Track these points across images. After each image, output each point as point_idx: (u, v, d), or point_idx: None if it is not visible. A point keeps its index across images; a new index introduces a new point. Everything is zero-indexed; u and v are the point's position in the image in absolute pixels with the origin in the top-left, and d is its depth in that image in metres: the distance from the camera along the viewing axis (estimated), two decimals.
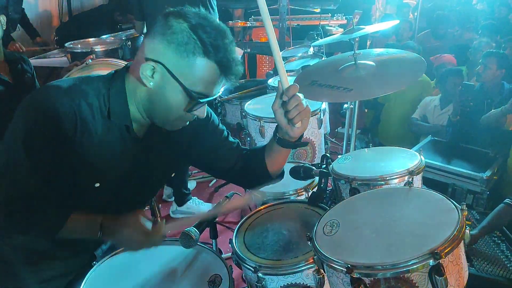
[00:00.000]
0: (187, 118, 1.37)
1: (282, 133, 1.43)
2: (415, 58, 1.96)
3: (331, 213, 1.42)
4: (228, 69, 1.28)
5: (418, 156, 1.78)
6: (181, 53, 1.24)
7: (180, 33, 1.23)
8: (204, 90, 1.29)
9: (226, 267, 1.47)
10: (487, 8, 7.07)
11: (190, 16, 1.25)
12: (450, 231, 1.13)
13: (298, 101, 1.32)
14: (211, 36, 1.24)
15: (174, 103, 1.30)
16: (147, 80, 1.29)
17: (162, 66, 1.26)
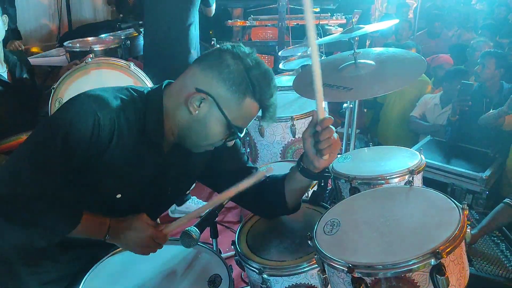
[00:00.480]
0: (216, 145, 1.45)
1: (307, 162, 1.44)
2: (415, 57, 1.96)
3: (331, 212, 1.42)
4: (268, 112, 1.40)
5: (418, 155, 1.78)
6: (233, 92, 1.33)
7: (236, 73, 1.33)
8: (242, 125, 1.39)
9: (226, 267, 1.47)
10: (486, 8, 7.08)
11: (246, 58, 1.35)
12: (452, 230, 1.13)
13: (331, 133, 1.35)
14: (260, 80, 1.34)
15: (213, 133, 1.38)
16: (193, 109, 1.35)
17: (213, 99, 1.34)
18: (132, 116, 1.37)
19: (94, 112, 1.29)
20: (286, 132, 2.45)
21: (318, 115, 1.36)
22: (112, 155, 1.35)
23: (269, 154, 2.56)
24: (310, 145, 1.38)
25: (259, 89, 1.34)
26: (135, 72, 2.51)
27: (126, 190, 1.45)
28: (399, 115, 4.40)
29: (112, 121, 1.32)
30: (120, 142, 1.35)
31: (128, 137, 1.36)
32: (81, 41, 3.53)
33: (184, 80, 1.40)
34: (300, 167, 1.47)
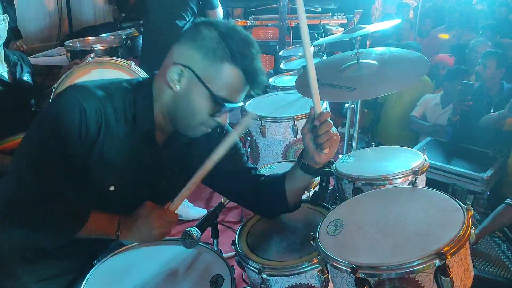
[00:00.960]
0: (209, 124, 1.41)
1: (308, 158, 1.43)
2: (418, 57, 1.95)
3: (334, 212, 1.41)
4: (253, 77, 1.34)
5: (422, 156, 1.78)
6: (209, 58, 1.30)
7: (210, 39, 1.30)
8: (228, 96, 1.34)
9: (228, 267, 1.46)
10: (487, 8, 7.08)
11: (220, 25, 1.32)
12: (456, 231, 1.13)
13: (330, 126, 1.34)
14: (239, 45, 1.30)
15: (199, 107, 1.34)
16: (173, 84, 1.33)
17: (190, 70, 1.31)
18: (120, 105, 1.35)
19: (79, 103, 1.28)
20: (288, 132, 2.44)
21: (315, 110, 1.36)
22: (102, 147, 1.34)
23: (271, 154, 2.55)
24: (309, 140, 1.37)
25: (239, 54, 1.30)
26: (136, 71, 2.50)
27: (119, 182, 1.43)
28: (399, 115, 4.39)
29: (98, 111, 1.30)
30: (109, 133, 1.34)
31: (117, 127, 1.35)
32: (81, 41, 3.53)
33: (165, 60, 1.38)
34: (301, 163, 1.46)
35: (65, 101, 1.30)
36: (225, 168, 1.59)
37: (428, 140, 3.80)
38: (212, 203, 3.82)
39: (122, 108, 1.36)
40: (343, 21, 5.28)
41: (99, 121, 1.31)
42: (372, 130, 4.88)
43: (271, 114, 2.49)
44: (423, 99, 4.19)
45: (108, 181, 1.41)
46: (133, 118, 1.38)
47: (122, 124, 1.36)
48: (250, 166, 1.65)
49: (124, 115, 1.36)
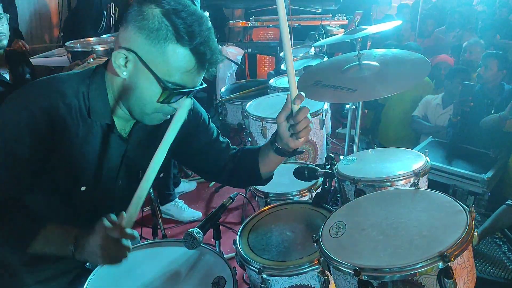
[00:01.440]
0: (165, 111, 1.30)
1: (282, 143, 1.41)
2: (419, 59, 1.95)
3: (337, 214, 1.41)
4: (204, 57, 1.21)
5: (424, 157, 1.78)
6: (152, 40, 1.18)
7: (151, 19, 1.17)
8: (179, 81, 1.22)
9: (230, 268, 1.46)
10: (487, 9, 7.08)
11: (164, 1, 1.19)
12: (459, 233, 1.13)
13: (306, 113, 1.31)
14: (185, 22, 1.17)
15: (148, 94, 1.24)
16: (120, 70, 1.23)
17: (134, 54, 1.20)
18: (73, 101, 1.26)
19: (24, 106, 1.20)
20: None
21: (292, 93, 1.32)
22: (61, 146, 1.26)
23: None
24: (285, 128, 1.34)
25: (186, 34, 1.17)
26: None
27: (88, 181, 1.36)
28: (400, 116, 4.39)
29: (47, 112, 1.21)
30: (66, 132, 1.25)
31: (72, 125, 1.26)
32: (82, 42, 3.51)
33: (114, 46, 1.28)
34: (275, 147, 1.44)
35: (11, 105, 1.22)
36: (197, 144, 1.56)
37: (428, 140, 3.79)
38: (213, 204, 3.82)
39: (76, 104, 1.26)
40: (344, 22, 5.29)
41: (51, 121, 1.22)
42: (373, 131, 4.88)
43: (272, 115, 2.49)
44: (425, 100, 4.20)
45: (77, 181, 1.34)
46: (88, 113, 1.29)
47: (79, 121, 1.27)
48: (222, 140, 1.62)
49: (79, 110, 1.27)
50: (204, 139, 1.58)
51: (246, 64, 5.55)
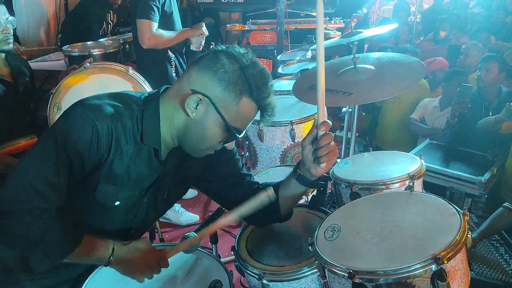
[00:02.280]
0: (215, 147, 1.43)
1: (304, 170, 1.44)
2: (415, 62, 1.96)
3: (332, 217, 1.42)
4: (266, 110, 1.37)
5: (419, 160, 1.78)
6: (230, 91, 1.31)
7: (231, 73, 1.31)
8: (241, 126, 1.38)
9: (227, 272, 1.46)
10: (483, 11, 7.11)
11: (240, 57, 1.33)
12: (453, 236, 1.13)
13: (330, 139, 1.35)
14: (256, 79, 1.32)
15: (212, 134, 1.37)
16: (190, 110, 1.34)
17: (209, 100, 1.32)
18: (129, 123, 1.36)
19: (92, 122, 1.28)
20: (286, 137, 2.45)
21: (319, 119, 1.37)
22: (111, 164, 1.34)
23: (269, 159, 2.56)
24: (308, 152, 1.38)
25: (256, 89, 1.32)
26: (133, 76, 2.50)
27: (125, 197, 1.44)
28: (397, 119, 4.41)
29: (109, 130, 1.30)
30: (119, 151, 1.34)
31: (126, 145, 1.36)
32: (79, 46, 3.52)
33: (180, 83, 1.39)
34: (297, 174, 1.47)
35: (78, 117, 1.29)
36: (220, 173, 1.61)
37: (426, 143, 3.80)
38: (211, 208, 3.82)
39: (130, 126, 1.36)
40: (341, 25, 5.29)
41: (110, 139, 1.31)
42: (370, 134, 4.89)
43: None
44: (423, 103, 4.21)
45: (115, 196, 1.42)
46: (140, 137, 1.38)
47: (131, 142, 1.37)
48: (244, 173, 1.65)
49: (133, 133, 1.37)
50: (228, 167, 1.62)
51: None
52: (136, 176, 1.42)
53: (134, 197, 1.46)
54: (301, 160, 1.45)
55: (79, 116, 1.29)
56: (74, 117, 1.30)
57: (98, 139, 1.29)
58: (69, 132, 1.27)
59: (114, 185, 1.39)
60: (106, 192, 1.39)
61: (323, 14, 1.33)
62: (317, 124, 1.36)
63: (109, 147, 1.32)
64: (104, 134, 1.29)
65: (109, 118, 1.31)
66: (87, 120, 1.28)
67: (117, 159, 1.35)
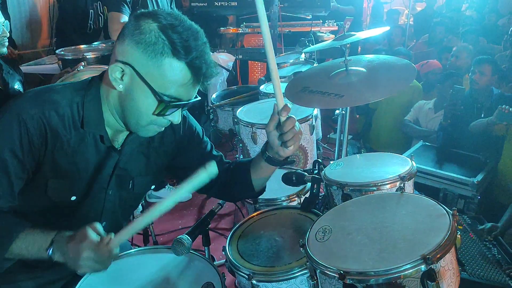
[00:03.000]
0: (160, 123, 1.33)
1: (272, 152, 1.44)
2: (406, 64, 1.97)
3: (323, 219, 1.43)
4: (199, 71, 1.24)
5: (410, 162, 1.79)
6: (149, 53, 1.20)
7: (148, 33, 1.20)
8: (175, 94, 1.25)
9: (219, 274, 1.47)
10: (476, 14, 7.17)
11: (161, 16, 1.22)
12: (442, 236, 1.14)
13: (293, 123, 1.34)
14: (181, 37, 1.20)
15: (144, 106, 1.26)
16: (116, 83, 1.26)
17: (131, 67, 1.23)
18: (67, 111, 1.29)
19: (17, 116, 1.23)
20: None
21: (278, 104, 1.35)
22: (53, 157, 1.28)
23: None
24: (274, 137, 1.38)
25: (182, 48, 1.20)
26: None
27: (78, 191, 1.38)
28: (391, 121, 4.43)
29: (39, 121, 1.24)
30: (58, 142, 1.28)
31: (65, 135, 1.29)
32: (73, 49, 3.52)
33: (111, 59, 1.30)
34: (266, 156, 1.47)
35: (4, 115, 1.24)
36: (189, 158, 1.58)
37: (419, 145, 3.83)
38: (205, 210, 3.82)
39: (69, 114, 1.29)
40: (334, 28, 5.32)
41: (43, 130, 1.24)
42: (364, 136, 4.91)
43: (262, 121, 2.50)
44: (417, 104, 4.24)
45: (67, 190, 1.36)
46: (81, 123, 1.31)
47: (71, 131, 1.30)
48: (215, 154, 1.64)
49: (73, 121, 1.30)
50: (197, 152, 1.60)
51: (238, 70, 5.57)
52: (85, 166, 1.36)
53: (93, 189, 1.41)
54: (268, 144, 1.44)
55: (4, 112, 1.24)
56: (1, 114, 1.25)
57: (28, 133, 1.23)
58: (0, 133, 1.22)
59: (63, 178, 1.33)
60: (57, 188, 1.34)
61: None
62: (278, 110, 1.35)
63: (44, 140, 1.26)
64: (35, 126, 1.23)
65: (39, 109, 1.25)
66: (12, 115, 1.23)
67: (59, 151, 1.29)
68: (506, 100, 3.51)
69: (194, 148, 1.59)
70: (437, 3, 8.08)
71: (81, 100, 1.31)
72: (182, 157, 1.58)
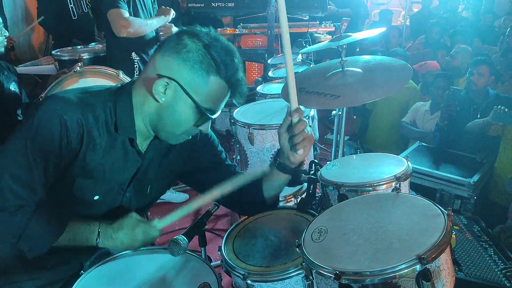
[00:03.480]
0: (192, 132, 1.43)
1: (283, 158, 1.46)
2: (402, 65, 1.98)
3: (319, 219, 1.43)
4: (236, 87, 1.37)
5: (405, 162, 1.80)
6: (196, 71, 1.30)
7: (195, 52, 1.30)
8: (213, 106, 1.36)
9: (215, 275, 1.46)
10: (471, 15, 7.19)
11: (203, 35, 1.32)
12: (437, 236, 1.14)
13: (304, 125, 1.36)
14: (222, 56, 1.31)
15: (184, 118, 1.36)
16: (159, 96, 1.33)
17: (176, 83, 1.31)
18: (101, 114, 1.35)
19: (59, 116, 1.27)
20: (276, 140, 2.43)
21: (291, 106, 1.37)
22: (85, 157, 1.34)
23: (259, 162, 2.57)
24: (285, 140, 1.40)
25: (223, 66, 1.32)
26: (124, 79, 2.51)
27: (104, 191, 1.43)
28: (388, 122, 4.44)
29: (79, 122, 1.30)
30: (92, 143, 1.34)
31: (98, 137, 1.35)
32: (69, 50, 3.52)
33: (147, 70, 1.38)
34: (277, 162, 1.48)
35: (45, 113, 1.29)
36: (204, 165, 1.62)
37: (416, 145, 3.84)
38: (201, 211, 3.81)
39: (103, 117, 1.36)
40: (331, 29, 5.33)
41: (81, 132, 1.31)
42: (361, 136, 4.92)
43: (259, 122, 2.51)
44: (415, 106, 4.26)
45: (93, 190, 1.42)
46: (115, 127, 1.37)
47: (104, 133, 1.36)
48: (229, 163, 1.67)
49: (106, 124, 1.36)
50: (210, 159, 1.64)
51: None
52: (112, 168, 1.41)
53: (113, 191, 1.46)
54: (279, 149, 1.46)
55: (46, 111, 1.29)
56: (42, 112, 1.29)
57: (68, 133, 1.28)
58: (38, 129, 1.27)
59: (90, 178, 1.38)
60: (83, 186, 1.39)
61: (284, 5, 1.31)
62: (290, 111, 1.37)
63: (80, 140, 1.31)
64: (74, 127, 1.29)
65: (78, 110, 1.30)
66: (54, 115, 1.27)
67: (90, 152, 1.35)
68: (502, 100, 3.52)
69: (208, 155, 1.63)
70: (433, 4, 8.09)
71: (113, 105, 1.38)
72: (195, 163, 1.62)
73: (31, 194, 1.28)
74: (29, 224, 1.29)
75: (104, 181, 1.42)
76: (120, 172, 1.44)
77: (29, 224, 1.29)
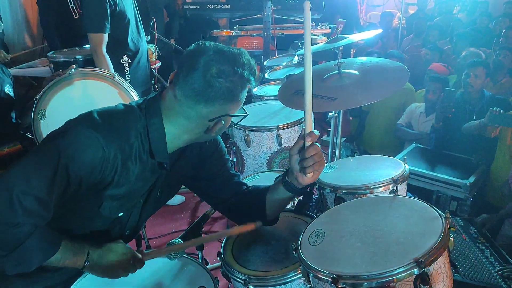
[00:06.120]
0: None
1: (292, 178, 1.44)
2: (398, 67, 1.98)
3: (316, 222, 1.42)
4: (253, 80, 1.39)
5: (403, 165, 1.80)
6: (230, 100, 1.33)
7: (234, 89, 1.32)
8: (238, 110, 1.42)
9: (212, 278, 1.46)
10: (466, 17, 7.21)
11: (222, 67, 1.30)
12: (435, 239, 1.14)
13: (316, 150, 1.34)
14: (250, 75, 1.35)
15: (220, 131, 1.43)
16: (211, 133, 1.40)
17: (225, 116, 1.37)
18: (135, 143, 1.34)
19: (102, 147, 1.26)
20: (272, 142, 2.45)
21: (306, 129, 1.36)
22: (117, 185, 1.34)
23: (255, 164, 2.56)
24: (295, 162, 1.38)
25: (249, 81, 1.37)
26: (119, 82, 2.49)
27: (128, 207, 1.45)
28: (384, 123, 4.44)
29: (116, 155, 1.29)
30: (124, 172, 1.33)
31: (133, 166, 1.35)
32: (65, 52, 3.50)
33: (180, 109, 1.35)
34: (285, 181, 1.47)
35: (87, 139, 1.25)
36: (210, 172, 1.61)
37: (412, 147, 3.84)
38: (198, 214, 3.80)
39: (137, 146, 1.35)
40: (327, 30, 5.34)
41: (116, 164, 1.30)
42: (357, 138, 4.92)
43: (255, 124, 2.50)
44: (409, 108, 4.25)
45: (119, 209, 1.43)
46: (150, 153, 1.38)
47: (137, 161, 1.36)
48: (233, 173, 1.66)
49: (139, 152, 1.36)
50: (217, 166, 1.63)
51: None
52: (141, 188, 1.44)
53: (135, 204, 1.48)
54: (289, 168, 1.45)
55: (87, 138, 1.26)
56: (83, 137, 1.26)
57: (104, 165, 1.27)
58: (75, 153, 1.23)
59: (119, 200, 1.39)
60: (111, 208, 1.40)
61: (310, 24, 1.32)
62: (304, 134, 1.36)
63: (114, 171, 1.31)
64: (111, 159, 1.28)
65: (117, 141, 1.30)
66: (97, 144, 1.25)
67: (123, 179, 1.35)
68: (497, 102, 3.53)
69: (215, 161, 1.62)
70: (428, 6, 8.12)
71: (144, 130, 1.36)
72: (202, 170, 1.61)
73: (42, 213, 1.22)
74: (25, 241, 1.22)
75: (131, 199, 1.44)
76: (144, 186, 1.45)
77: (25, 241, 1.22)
